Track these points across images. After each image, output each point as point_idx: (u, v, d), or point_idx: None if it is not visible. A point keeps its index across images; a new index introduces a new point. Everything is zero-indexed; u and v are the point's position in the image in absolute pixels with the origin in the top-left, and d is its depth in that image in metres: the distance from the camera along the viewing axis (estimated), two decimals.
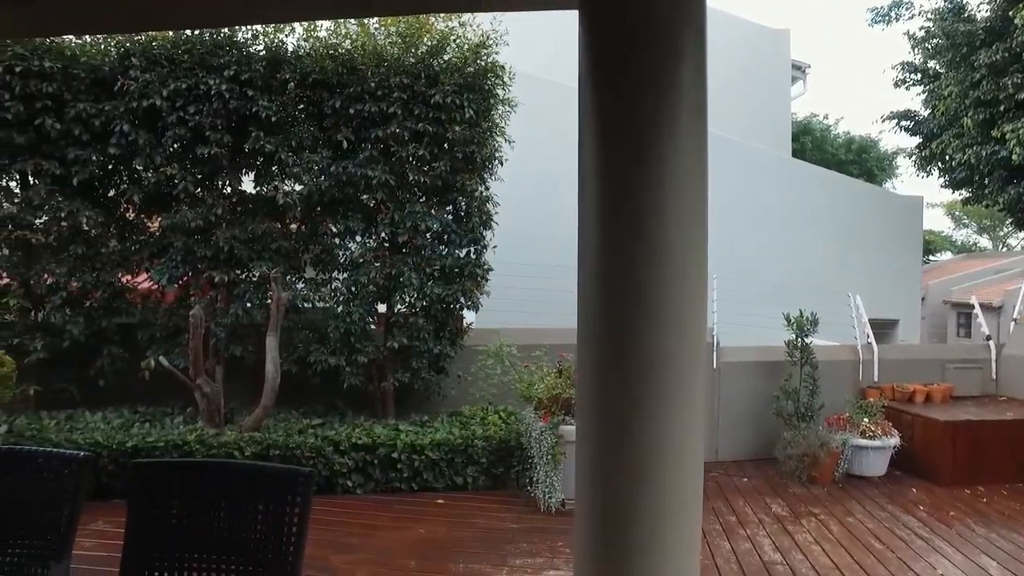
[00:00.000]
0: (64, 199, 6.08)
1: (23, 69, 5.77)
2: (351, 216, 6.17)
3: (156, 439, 5.40)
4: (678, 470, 2.26)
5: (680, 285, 2.22)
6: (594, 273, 2.31)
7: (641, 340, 2.21)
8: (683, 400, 2.25)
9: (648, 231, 2.18)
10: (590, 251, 2.33)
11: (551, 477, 5.25)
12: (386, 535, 4.78)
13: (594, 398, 2.38)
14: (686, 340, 2.24)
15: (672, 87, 2.12)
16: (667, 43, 2.13)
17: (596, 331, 2.33)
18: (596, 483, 2.39)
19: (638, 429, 2.24)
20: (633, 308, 2.22)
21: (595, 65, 2.29)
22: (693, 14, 2.18)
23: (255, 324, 6.17)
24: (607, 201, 2.26)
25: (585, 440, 2.45)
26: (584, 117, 2.32)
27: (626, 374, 2.26)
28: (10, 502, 2.29)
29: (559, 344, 6.15)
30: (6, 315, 6.21)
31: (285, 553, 2.16)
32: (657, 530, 2.27)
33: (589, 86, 2.28)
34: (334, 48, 6.27)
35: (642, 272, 2.20)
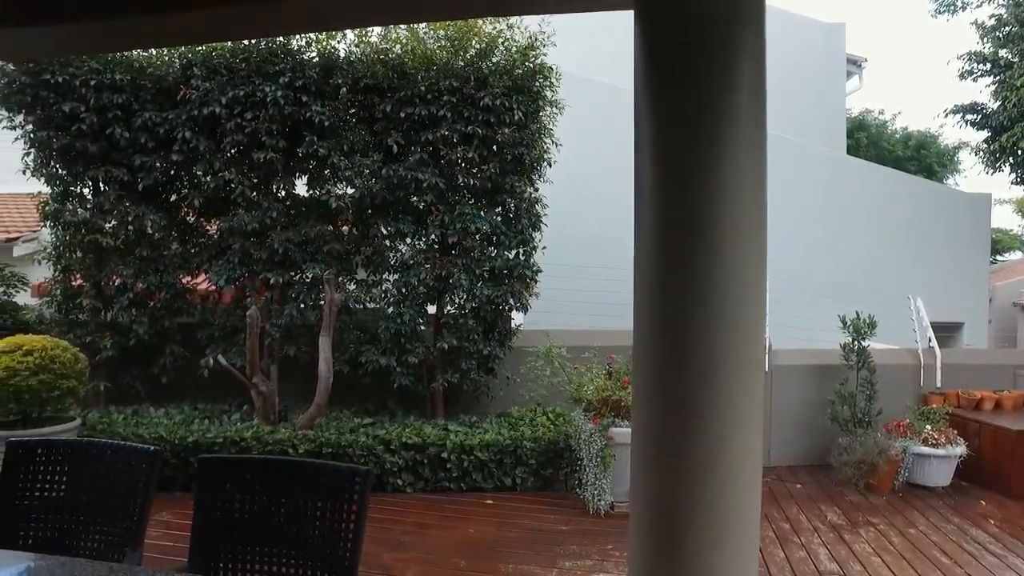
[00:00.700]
0: (131, 204, 6.34)
1: (97, 82, 6.07)
2: (402, 218, 6.27)
3: (215, 435, 5.57)
4: (736, 474, 2.23)
5: (739, 287, 2.19)
6: (650, 274, 2.30)
7: (699, 342, 2.19)
8: (741, 402, 2.22)
9: (706, 232, 2.15)
10: (647, 253, 2.31)
11: (600, 479, 5.23)
12: (436, 534, 4.83)
13: (650, 399, 2.36)
14: (744, 342, 2.20)
15: (731, 87, 2.09)
16: (726, 41, 2.10)
17: (652, 333, 2.32)
18: (652, 485, 2.37)
19: (695, 431, 2.22)
20: (690, 310, 2.20)
21: (651, 66, 2.27)
22: (752, 11, 2.15)
23: (308, 324, 6.33)
24: (664, 203, 2.24)
25: (641, 442, 2.43)
26: (640, 118, 2.30)
27: (683, 376, 2.24)
28: (91, 492, 2.40)
29: (608, 346, 6.12)
30: (79, 315, 6.51)
31: (343, 549, 2.21)
32: (714, 534, 2.24)
33: (645, 87, 2.27)
34: (385, 53, 6.37)
35: (700, 274, 2.17)
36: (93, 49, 5.35)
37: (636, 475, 2.55)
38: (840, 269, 10.36)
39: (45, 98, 6.08)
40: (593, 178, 9.06)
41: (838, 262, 10.52)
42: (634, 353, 2.45)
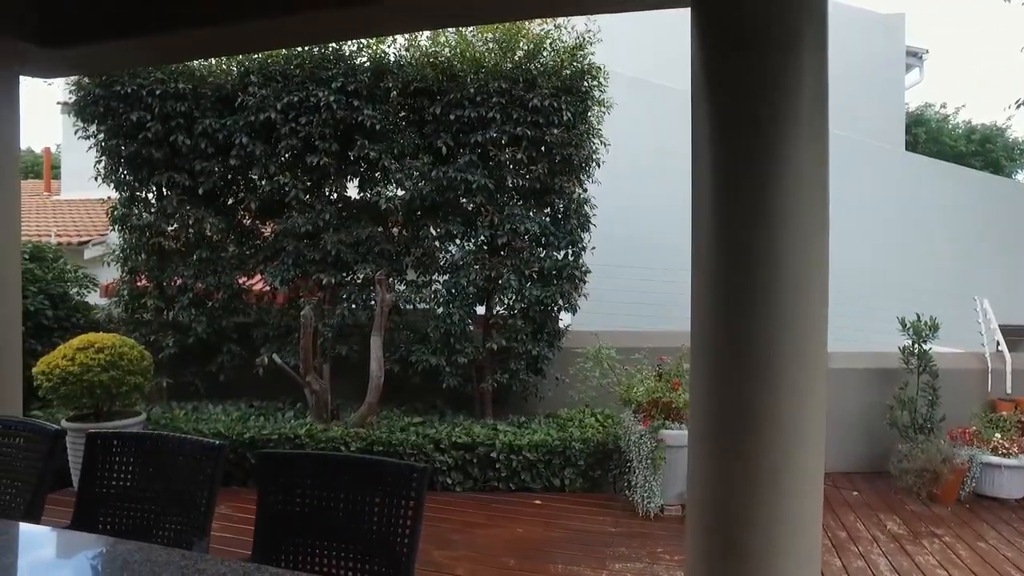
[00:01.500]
0: (191, 207, 6.57)
1: (162, 91, 6.32)
2: (451, 220, 6.33)
3: (271, 432, 5.73)
4: (796, 476, 2.19)
5: (799, 288, 2.15)
6: (709, 276, 2.28)
7: (760, 343, 2.16)
8: (802, 405, 2.18)
9: (766, 233, 2.12)
10: (705, 253, 2.30)
11: (650, 482, 5.18)
12: (485, 532, 4.87)
13: (709, 401, 2.34)
14: (805, 344, 2.17)
15: (791, 84, 2.05)
16: (787, 38, 2.07)
17: (711, 334, 2.30)
18: (710, 486, 2.35)
19: (756, 432, 2.19)
20: (750, 311, 2.17)
21: (709, 64, 2.25)
22: (815, 6, 2.10)
23: (359, 324, 6.46)
24: (723, 203, 2.22)
25: (699, 443, 2.41)
26: (698, 117, 2.29)
27: (744, 376, 2.22)
28: (162, 482, 2.51)
29: (658, 347, 6.06)
30: (144, 314, 6.79)
31: (400, 545, 2.25)
32: (775, 537, 2.20)
33: (703, 86, 2.25)
34: (434, 56, 6.45)
35: (759, 275, 2.14)
36: (160, 61, 5.62)
37: (694, 476, 2.53)
38: (899, 269, 10.02)
39: (115, 108, 6.37)
40: (643, 177, 8.99)
41: (896, 262, 10.18)
42: (692, 354, 2.43)
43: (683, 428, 5.22)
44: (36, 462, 2.66)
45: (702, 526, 2.52)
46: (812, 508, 2.33)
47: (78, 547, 2.03)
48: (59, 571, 1.94)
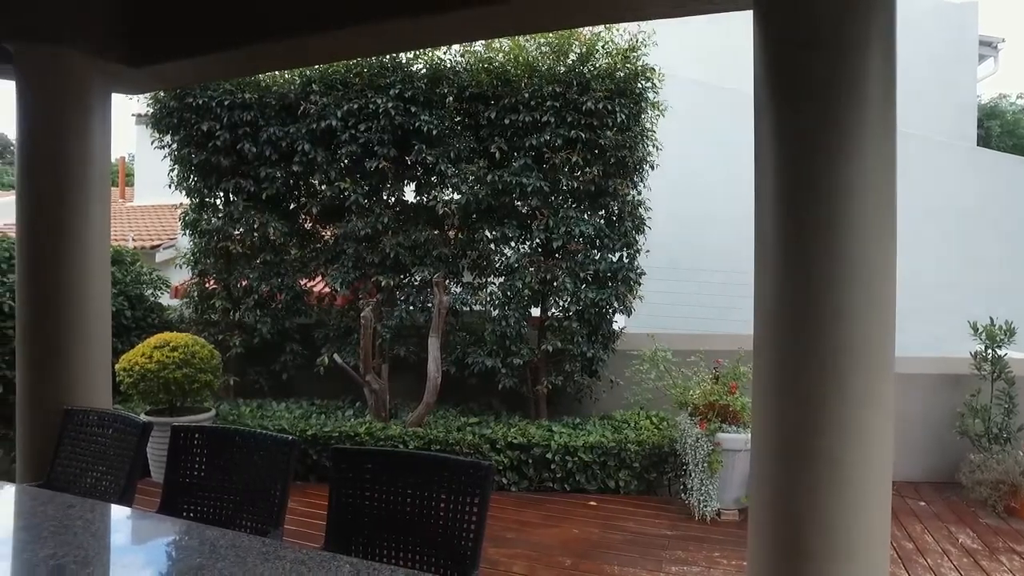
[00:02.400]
0: (256, 212, 6.84)
1: (230, 102, 6.62)
2: (506, 223, 6.42)
3: (331, 429, 5.91)
4: (863, 481, 2.17)
5: (866, 292, 2.13)
6: (773, 279, 2.28)
7: (824, 348, 2.15)
8: (869, 409, 2.16)
9: (832, 236, 2.12)
10: (769, 256, 2.30)
11: (707, 485, 5.14)
12: (540, 532, 4.91)
13: (771, 405, 2.34)
14: (872, 348, 2.15)
15: (858, 85, 2.04)
16: (854, 37, 2.06)
17: (774, 338, 2.30)
18: (774, 490, 2.35)
19: (821, 435, 2.18)
20: (815, 315, 2.17)
21: (772, 65, 2.26)
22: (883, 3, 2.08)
23: (416, 326, 6.60)
24: (787, 206, 2.22)
25: (762, 446, 2.41)
26: (761, 119, 2.29)
27: (808, 382, 2.21)
28: (239, 474, 2.65)
29: (714, 350, 6.00)
30: (212, 315, 7.10)
31: (465, 539, 2.32)
32: (840, 542, 2.18)
33: (766, 87, 2.26)
34: (488, 62, 6.55)
35: (825, 277, 2.14)
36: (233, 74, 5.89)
37: (757, 479, 2.52)
38: (969, 271, 9.62)
39: (188, 119, 6.69)
40: (699, 179, 8.90)
41: (966, 263, 9.77)
42: (755, 357, 2.43)
43: (741, 431, 5.17)
44: (127, 451, 2.85)
45: (765, 529, 2.51)
46: (880, 515, 2.30)
47: (170, 530, 2.18)
48: (154, 551, 2.09)
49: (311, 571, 1.84)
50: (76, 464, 2.99)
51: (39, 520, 2.16)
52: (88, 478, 2.89)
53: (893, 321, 2.26)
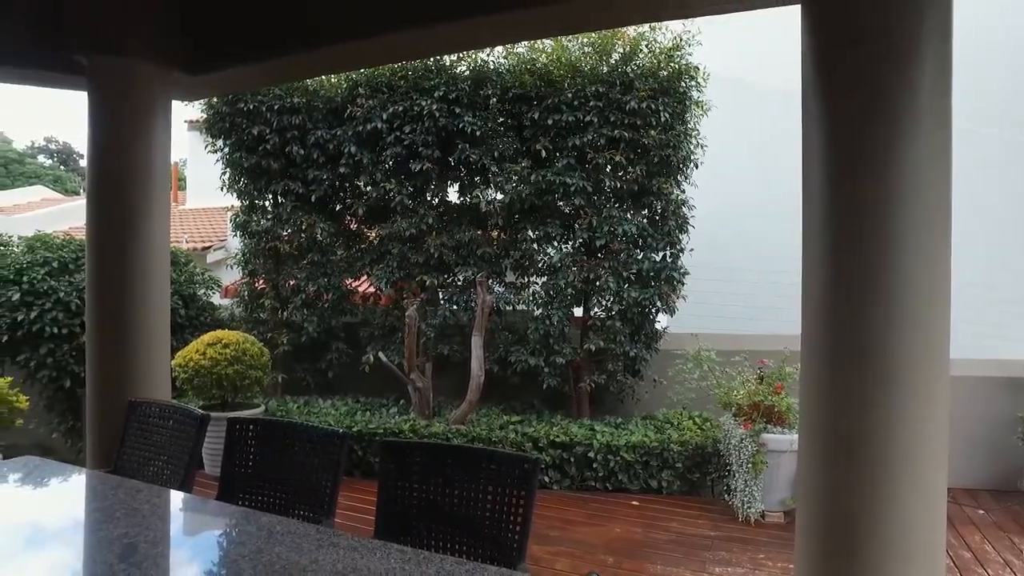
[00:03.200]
0: (304, 214, 7.03)
1: (279, 106, 6.81)
2: (549, 222, 6.45)
3: (376, 426, 6.02)
4: (916, 484, 2.13)
5: (920, 293, 2.10)
6: (821, 276, 2.26)
7: (875, 349, 2.13)
8: (921, 413, 2.13)
9: (884, 236, 2.09)
10: (818, 256, 2.28)
11: (751, 486, 5.08)
12: (583, 530, 4.93)
13: (820, 406, 2.32)
14: (926, 346, 2.11)
15: (911, 80, 2.01)
16: (906, 31, 2.03)
17: (823, 340, 2.28)
18: (822, 493, 2.33)
19: (872, 434, 2.16)
20: (866, 314, 2.14)
21: (821, 64, 2.24)
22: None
23: (460, 325, 6.68)
24: (835, 202, 2.20)
25: (810, 446, 2.39)
26: (808, 120, 2.28)
27: (857, 384, 2.19)
28: (292, 466, 2.75)
29: (759, 350, 5.92)
30: (262, 313, 7.31)
31: (511, 532, 2.35)
32: (895, 543, 2.15)
33: (814, 87, 2.24)
34: (531, 63, 6.60)
35: (876, 276, 2.11)
36: (285, 79, 6.06)
37: (805, 481, 2.50)
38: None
39: (239, 124, 6.91)
40: (742, 178, 8.77)
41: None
42: (803, 358, 2.42)
43: (786, 432, 5.09)
44: (186, 442, 2.97)
45: (814, 532, 2.48)
46: (934, 520, 2.25)
47: (229, 516, 2.27)
48: (215, 535, 2.19)
49: (364, 557, 1.90)
50: (140, 454, 3.13)
51: (111, 503, 2.28)
52: (151, 467, 3.02)
53: (948, 320, 2.22)
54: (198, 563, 1.97)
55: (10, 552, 1.95)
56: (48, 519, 2.26)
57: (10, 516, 2.27)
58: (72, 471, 2.75)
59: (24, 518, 2.26)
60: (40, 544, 2.03)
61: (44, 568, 1.86)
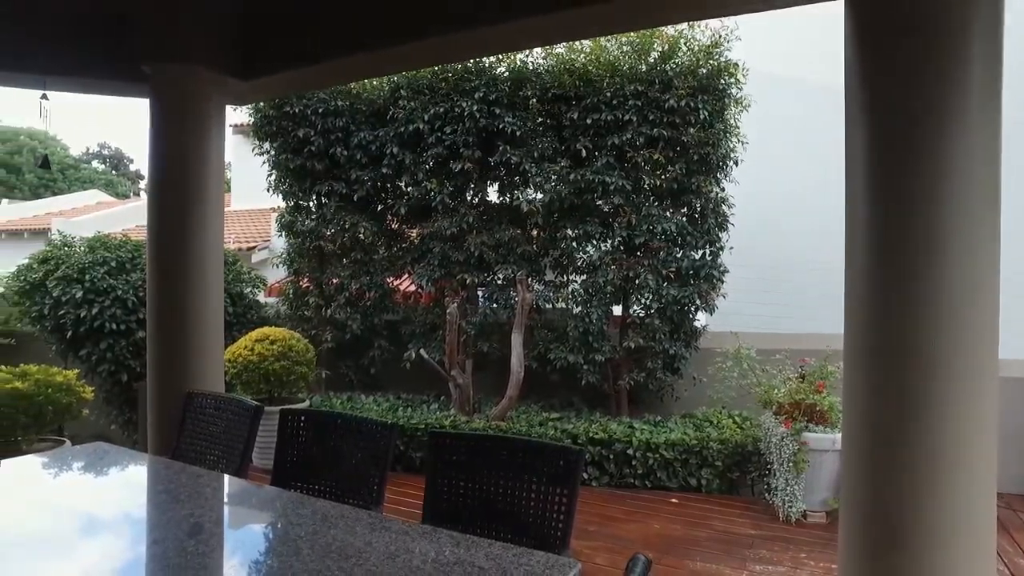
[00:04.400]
0: (347, 214, 7.19)
1: (324, 109, 6.99)
2: (589, 221, 6.49)
3: (418, 422, 6.14)
4: (964, 489, 2.13)
5: (968, 292, 2.10)
6: (865, 278, 2.27)
7: (919, 348, 2.13)
8: (969, 412, 2.13)
9: (928, 233, 2.09)
10: (861, 256, 2.29)
11: (792, 486, 5.04)
12: (622, 527, 4.96)
13: (864, 406, 2.33)
14: (974, 343, 2.11)
15: (958, 74, 2.01)
16: (953, 23, 2.02)
17: (867, 337, 2.29)
18: (866, 494, 2.33)
19: (918, 433, 2.16)
20: (910, 314, 2.15)
21: (863, 56, 2.25)
22: None
23: (500, 323, 6.77)
24: (879, 197, 2.21)
25: (853, 449, 2.40)
26: (852, 114, 2.29)
27: (902, 382, 2.19)
28: (342, 456, 2.85)
29: (800, 349, 5.86)
30: (306, 311, 7.51)
31: (555, 522, 2.41)
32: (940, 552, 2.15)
33: (857, 81, 2.25)
34: (570, 63, 6.64)
35: (922, 278, 2.12)
36: (331, 83, 6.23)
37: (848, 481, 2.50)
38: None
39: (285, 127, 7.11)
40: (785, 175, 8.67)
41: None
42: (846, 358, 2.42)
43: (828, 432, 5.04)
44: (241, 431, 3.10)
45: (857, 534, 2.47)
46: (984, 525, 2.23)
47: (285, 500, 2.38)
48: (272, 517, 2.30)
49: (414, 541, 1.98)
50: (198, 443, 3.28)
51: (175, 486, 2.42)
52: (210, 455, 3.17)
53: (996, 318, 2.20)
54: (259, 542, 2.08)
55: (89, 526, 2.10)
56: (120, 499, 2.41)
57: (85, 495, 2.43)
58: (138, 456, 2.92)
59: (98, 497, 2.42)
60: (114, 521, 2.17)
61: (121, 542, 1.99)
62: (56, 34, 4.19)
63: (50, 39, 4.18)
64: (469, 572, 1.73)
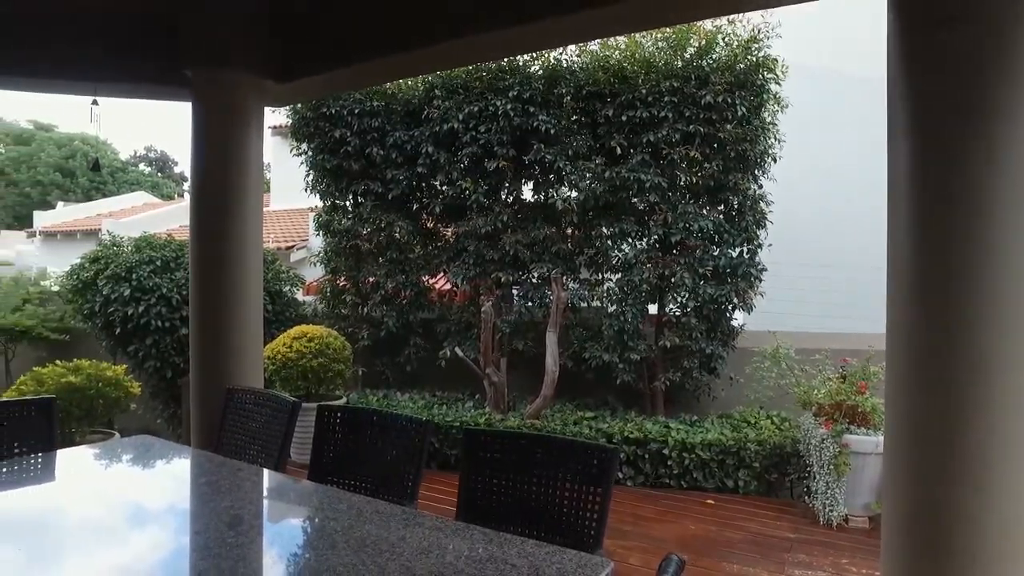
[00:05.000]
0: (383, 213, 7.27)
1: (360, 110, 7.09)
2: (624, 219, 6.44)
3: (453, 419, 6.17)
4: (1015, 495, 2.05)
5: (1015, 288, 2.01)
6: (908, 275, 2.22)
7: (966, 346, 2.07)
8: (1019, 412, 2.04)
9: (975, 232, 2.04)
10: (903, 247, 2.23)
11: (833, 489, 4.93)
12: (657, 527, 4.92)
13: (907, 407, 2.27)
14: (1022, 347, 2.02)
15: (1009, 63, 1.94)
16: (1004, 13, 1.95)
17: (910, 335, 2.22)
18: (910, 499, 2.27)
19: (962, 442, 2.09)
20: (956, 311, 2.09)
21: (907, 48, 2.19)
22: None
23: (534, 321, 6.77)
24: (923, 201, 2.16)
25: (896, 452, 2.34)
26: (893, 105, 2.23)
27: (948, 383, 2.13)
28: (377, 452, 2.89)
29: (841, 349, 5.74)
30: (343, 309, 7.63)
31: (589, 519, 2.40)
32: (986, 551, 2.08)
33: (900, 73, 2.20)
34: (605, 60, 6.61)
35: (967, 275, 2.05)
36: (367, 84, 6.31)
37: (890, 485, 2.44)
38: None
39: (322, 128, 7.23)
40: (825, 171, 8.50)
41: None
42: (888, 355, 2.36)
43: (870, 434, 4.92)
44: (279, 427, 3.17)
45: (900, 540, 2.41)
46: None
47: (321, 495, 2.43)
48: (309, 511, 2.34)
49: (447, 537, 1.99)
50: (238, 437, 3.36)
51: (217, 478, 2.49)
52: (250, 450, 3.25)
53: None
54: (296, 535, 2.13)
55: (135, 515, 2.17)
56: (164, 489, 2.50)
57: (132, 486, 2.51)
58: (182, 450, 3.01)
59: (144, 488, 2.50)
60: (158, 510, 2.24)
61: (164, 531, 2.06)
62: (106, 44, 4.35)
63: (100, 48, 4.34)
64: (501, 569, 1.74)
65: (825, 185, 8.49)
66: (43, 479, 2.62)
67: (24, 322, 7.98)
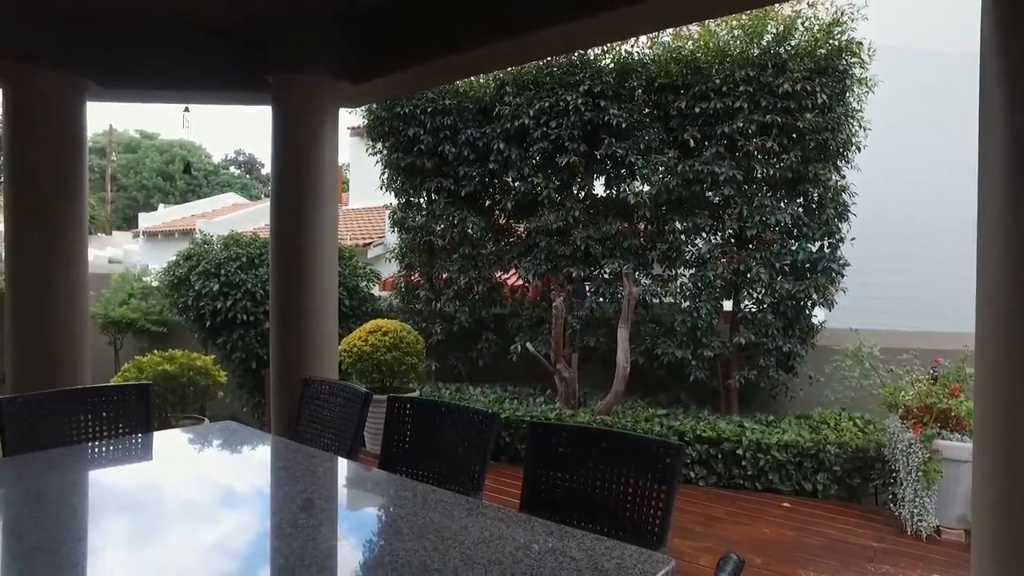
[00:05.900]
0: (455, 210, 7.39)
1: (432, 108, 7.23)
2: (697, 213, 6.31)
3: (523, 414, 6.21)
4: None
5: None
6: (1001, 266, 2.08)
7: None
8: None
9: None
10: (996, 241, 2.10)
11: (922, 497, 4.66)
12: (728, 528, 4.80)
13: (999, 412, 2.12)
14: None
15: None
16: None
17: (1003, 335, 2.09)
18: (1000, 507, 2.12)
19: None
20: None
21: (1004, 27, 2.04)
22: None
23: (606, 317, 6.72)
24: (1019, 181, 2.00)
25: (986, 456, 2.21)
26: (988, 91, 2.09)
27: None
28: (445, 443, 2.96)
29: (931, 349, 5.41)
30: (417, 304, 7.81)
31: (653, 516, 2.37)
32: None
33: (995, 53, 2.06)
34: (677, 51, 6.48)
35: None
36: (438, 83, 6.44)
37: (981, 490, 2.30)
38: None
39: (396, 127, 7.42)
40: (914, 159, 8.02)
41: None
42: (977, 356, 2.22)
43: (966, 440, 4.62)
44: (352, 416, 3.28)
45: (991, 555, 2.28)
46: None
47: (389, 482, 2.51)
48: (377, 497, 2.43)
49: (509, 528, 2.02)
50: (313, 425, 3.50)
51: (292, 464, 2.62)
52: (324, 438, 3.39)
53: None
54: (363, 520, 2.21)
55: (217, 496, 2.31)
56: (245, 473, 2.65)
57: (216, 468, 2.68)
58: (262, 436, 3.17)
59: (227, 470, 2.66)
60: (238, 492, 2.37)
61: (243, 512, 2.18)
62: (195, 56, 4.63)
63: (190, 60, 4.63)
64: (561, 561, 1.75)
65: (920, 172, 8.01)
66: (142, 458, 2.86)
67: (129, 315, 8.59)
